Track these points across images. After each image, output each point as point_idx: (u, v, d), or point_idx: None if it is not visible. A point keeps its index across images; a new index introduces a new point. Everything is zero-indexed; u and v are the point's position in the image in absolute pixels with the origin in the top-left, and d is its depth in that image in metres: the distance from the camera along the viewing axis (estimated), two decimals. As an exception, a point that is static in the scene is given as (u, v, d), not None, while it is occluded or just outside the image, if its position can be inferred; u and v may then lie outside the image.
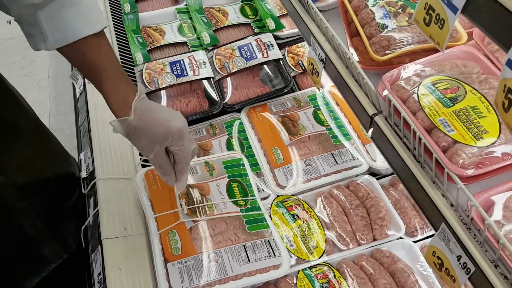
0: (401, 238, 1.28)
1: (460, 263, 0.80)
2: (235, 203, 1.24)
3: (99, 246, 1.19)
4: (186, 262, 1.12)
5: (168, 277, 1.09)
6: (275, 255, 1.15)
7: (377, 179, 1.42)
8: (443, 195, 0.85)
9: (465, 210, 0.82)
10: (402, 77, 0.99)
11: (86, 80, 1.62)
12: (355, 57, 1.10)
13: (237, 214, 1.21)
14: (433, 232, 1.27)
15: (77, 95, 1.67)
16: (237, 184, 1.30)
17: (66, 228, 1.34)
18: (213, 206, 1.23)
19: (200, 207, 1.23)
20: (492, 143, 0.84)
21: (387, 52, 1.05)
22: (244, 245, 1.16)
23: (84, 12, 0.99)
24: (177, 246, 1.13)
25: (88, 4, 1.00)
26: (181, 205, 1.21)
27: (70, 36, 0.98)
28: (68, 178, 1.42)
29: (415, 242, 1.26)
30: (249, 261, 1.13)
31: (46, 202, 1.28)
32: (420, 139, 0.86)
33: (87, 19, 0.99)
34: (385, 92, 0.95)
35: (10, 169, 1.18)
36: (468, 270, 0.78)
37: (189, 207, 1.22)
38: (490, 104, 0.90)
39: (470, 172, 0.81)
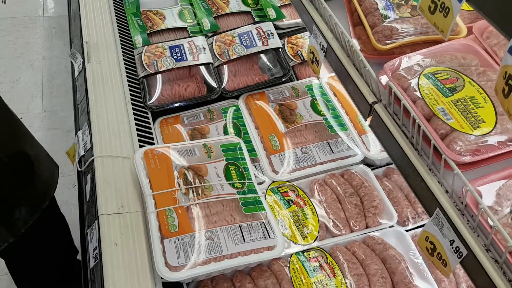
0: (392, 226, 1.30)
1: (452, 247, 0.83)
2: (232, 185, 1.26)
3: (96, 221, 1.20)
4: (182, 239, 1.13)
5: (164, 252, 1.10)
6: (269, 237, 1.17)
7: (372, 169, 1.44)
8: (439, 182, 0.87)
9: (460, 197, 0.84)
10: (403, 66, 1.01)
11: (86, 59, 1.62)
12: (357, 45, 1.11)
13: (234, 196, 1.23)
14: (423, 222, 1.30)
15: (76, 74, 1.67)
16: (234, 167, 1.32)
17: (16, 213, 1.34)
18: (211, 187, 1.25)
19: (198, 188, 1.24)
20: (488, 132, 0.86)
21: (389, 41, 1.07)
22: (240, 226, 1.17)
23: None
24: (174, 223, 1.15)
25: None
26: (179, 185, 1.22)
27: None
28: (20, 162, 1.40)
29: (406, 231, 1.29)
30: (245, 241, 1.15)
31: None
32: (419, 126, 0.88)
33: None
34: (386, 80, 0.97)
35: None
36: (460, 254, 0.81)
37: (187, 187, 1.24)
38: (488, 95, 0.92)
39: (467, 159, 0.84)
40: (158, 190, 1.21)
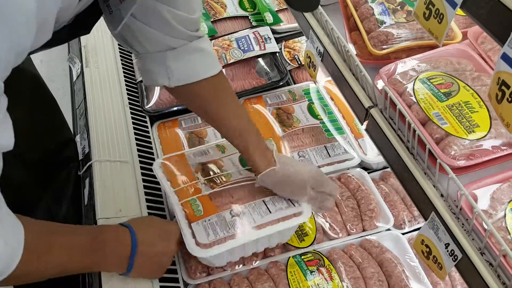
0: (389, 229, 1.31)
1: (447, 251, 0.83)
2: (250, 170, 1.28)
3: (94, 226, 1.20)
4: (209, 220, 1.15)
5: (193, 234, 1.12)
6: (294, 205, 1.19)
7: (368, 173, 1.45)
8: (434, 186, 0.88)
9: (455, 200, 0.85)
10: (398, 71, 1.02)
11: (84, 63, 1.62)
12: (353, 50, 1.12)
13: (253, 180, 1.24)
14: (420, 225, 1.31)
15: (74, 78, 1.68)
16: None
17: (62, 206, 1.35)
18: (229, 174, 1.27)
19: (217, 176, 1.26)
20: (483, 137, 0.87)
21: (385, 46, 1.09)
22: (263, 200, 1.19)
23: (204, 58, 1.13)
24: (199, 209, 1.17)
25: (208, 51, 1.15)
26: (198, 178, 1.26)
27: (192, 76, 1.12)
28: (68, 152, 1.44)
29: (403, 234, 1.30)
30: (270, 212, 1.17)
31: (43, 172, 1.29)
32: (414, 130, 0.89)
33: (207, 64, 1.13)
34: (382, 85, 0.98)
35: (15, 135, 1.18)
36: (455, 257, 0.82)
37: (206, 178, 1.26)
38: (482, 100, 0.93)
39: (461, 163, 0.85)
40: (179, 186, 1.24)
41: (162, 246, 1.09)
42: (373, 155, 1.48)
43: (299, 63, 1.81)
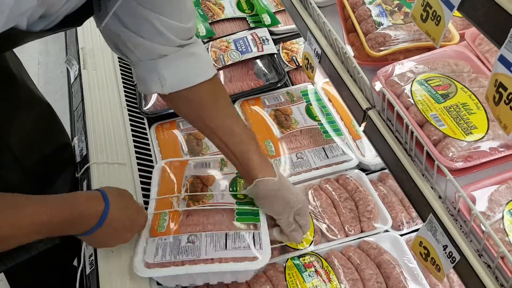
0: (387, 231, 1.31)
1: (446, 253, 0.83)
2: (234, 196, 1.25)
3: (92, 228, 1.19)
4: (165, 239, 1.14)
5: (145, 250, 1.13)
6: (255, 247, 1.13)
7: (366, 174, 1.45)
8: (432, 188, 0.88)
9: (453, 202, 0.85)
10: (396, 73, 1.02)
11: (82, 65, 1.62)
12: (351, 52, 1.12)
13: (232, 206, 1.22)
14: (418, 227, 1.31)
15: (72, 80, 1.68)
16: (243, 180, 1.28)
17: None
18: (211, 195, 1.25)
19: (198, 195, 1.25)
20: (480, 138, 0.87)
21: (382, 48, 1.09)
22: (226, 233, 1.16)
23: (197, 63, 1.12)
24: (164, 224, 1.17)
25: (201, 55, 1.13)
26: (181, 192, 1.26)
27: (185, 82, 1.10)
28: (64, 156, 1.43)
29: (401, 235, 1.30)
30: (226, 248, 1.13)
31: (40, 175, 1.29)
32: (412, 132, 0.89)
33: (200, 68, 1.12)
34: (380, 87, 0.98)
35: (11, 141, 1.18)
36: (453, 259, 0.82)
37: (188, 193, 1.26)
38: (480, 101, 0.93)
39: (459, 164, 0.85)
40: (163, 195, 1.25)
41: (125, 230, 1.09)
42: (371, 157, 1.48)
43: (297, 64, 1.81)
